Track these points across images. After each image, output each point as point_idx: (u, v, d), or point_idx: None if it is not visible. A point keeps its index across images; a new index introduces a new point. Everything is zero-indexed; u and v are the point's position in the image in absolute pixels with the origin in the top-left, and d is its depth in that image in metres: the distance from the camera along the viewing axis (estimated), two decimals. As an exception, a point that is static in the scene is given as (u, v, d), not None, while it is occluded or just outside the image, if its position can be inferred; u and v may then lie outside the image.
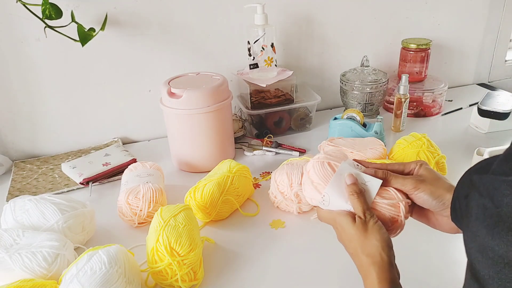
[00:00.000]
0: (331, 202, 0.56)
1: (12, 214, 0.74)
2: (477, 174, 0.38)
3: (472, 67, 1.48)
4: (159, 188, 0.82)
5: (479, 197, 0.36)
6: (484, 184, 0.36)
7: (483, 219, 0.35)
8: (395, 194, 0.55)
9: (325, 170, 0.57)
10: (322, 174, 0.57)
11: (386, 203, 0.54)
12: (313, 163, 0.59)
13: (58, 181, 0.98)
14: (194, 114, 0.92)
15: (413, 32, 1.32)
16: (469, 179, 0.40)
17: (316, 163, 0.58)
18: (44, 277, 0.63)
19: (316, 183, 0.57)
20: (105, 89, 1.10)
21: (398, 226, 0.55)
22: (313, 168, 0.58)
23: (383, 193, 0.55)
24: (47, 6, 0.89)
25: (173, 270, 0.63)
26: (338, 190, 0.55)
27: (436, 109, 1.24)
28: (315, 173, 0.57)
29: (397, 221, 0.54)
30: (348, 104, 1.22)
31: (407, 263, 0.69)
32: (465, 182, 0.41)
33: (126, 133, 1.18)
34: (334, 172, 0.57)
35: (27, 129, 1.09)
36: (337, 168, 0.57)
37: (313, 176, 0.58)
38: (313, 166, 0.58)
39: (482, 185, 0.36)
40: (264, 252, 0.73)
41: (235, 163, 0.86)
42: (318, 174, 0.57)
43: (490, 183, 0.35)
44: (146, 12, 1.05)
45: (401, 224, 0.55)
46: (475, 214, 0.36)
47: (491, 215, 0.34)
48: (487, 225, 0.34)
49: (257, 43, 1.06)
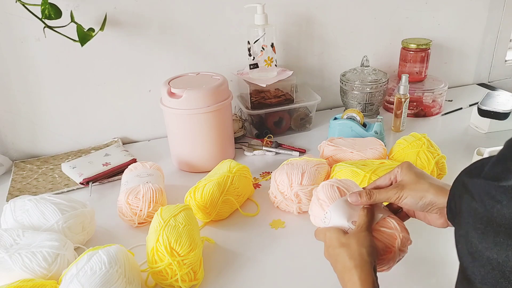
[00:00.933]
0: (331, 220, 0.60)
1: (12, 214, 0.74)
2: (469, 177, 0.38)
3: (472, 67, 1.48)
4: (159, 188, 0.82)
5: (470, 200, 0.36)
6: (475, 187, 0.36)
7: (473, 222, 0.35)
8: (394, 225, 0.57)
9: (333, 192, 0.62)
10: (329, 194, 0.62)
11: (385, 231, 0.57)
12: (324, 184, 0.64)
13: (58, 181, 0.98)
14: (194, 114, 0.92)
15: (413, 32, 1.32)
16: (462, 180, 0.40)
17: (327, 184, 0.63)
18: (44, 277, 0.63)
19: (322, 200, 0.62)
20: (105, 89, 1.10)
21: (390, 258, 0.56)
22: (322, 188, 0.64)
23: (384, 223, 0.58)
24: (47, 6, 0.89)
25: (173, 270, 0.63)
26: (341, 211, 0.59)
27: (436, 109, 1.24)
28: (323, 192, 0.63)
29: (391, 251, 0.56)
30: (348, 104, 1.22)
31: (407, 263, 0.69)
32: (459, 183, 0.41)
33: (126, 133, 1.18)
34: (341, 196, 0.61)
35: (27, 129, 1.09)
36: (345, 195, 0.61)
37: (320, 194, 0.63)
38: (323, 186, 0.64)
39: (473, 189, 0.37)
40: (264, 252, 0.73)
41: (235, 163, 0.86)
42: (325, 193, 0.62)
43: (481, 187, 0.36)
44: (146, 12, 1.05)
45: (394, 256, 0.56)
46: (465, 217, 0.37)
47: (481, 219, 0.34)
48: (477, 228, 0.35)
49: (257, 43, 1.06)
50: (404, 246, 0.56)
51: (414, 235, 0.75)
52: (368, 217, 0.56)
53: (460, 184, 0.40)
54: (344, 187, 0.63)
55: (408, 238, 0.57)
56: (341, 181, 0.64)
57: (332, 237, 0.56)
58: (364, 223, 0.56)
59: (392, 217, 0.58)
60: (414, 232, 0.75)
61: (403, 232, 0.57)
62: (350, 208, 0.59)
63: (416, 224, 0.78)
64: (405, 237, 0.56)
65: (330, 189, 0.62)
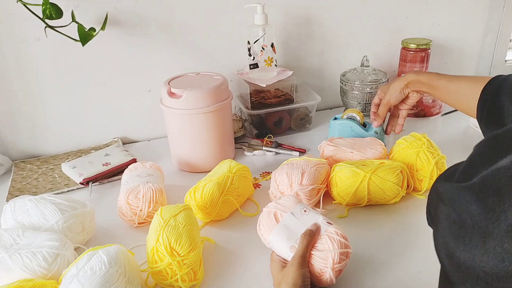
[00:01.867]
0: (275, 248, 0.65)
1: (12, 214, 0.74)
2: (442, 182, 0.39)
3: (472, 67, 1.48)
4: (159, 188, 0.82)
5: (443, 207, 0.36)
6: (446, 192, 0.37)
7: (447, 227, 0.35)
8: (327, 245, 0.59)
9: (270, 220, 0.66)
10: (266, 224, 0.66)
11: (316, 254, 0.60)
12: (262, 213, 0.68)
13: (58, 181, 0.98)
14: (194, 114, 0.92)
15: (413, 32, 1.32)
16: (435, 187, 0.40)
17: (265, 213, 0.67)
18: (44, 277, 0.63)
19: (263, 231, 0.67)
20: (105, 89, 1.10)
21: (327, 277, 0.59)
22: (261, 217, 0.68)
23: (318, 244, 0.60)
24: (48, 6, 0.89)
25: (173, 270, 0.63)
26: (279, 239, 0.63)
27: (436, 109, 1.24)
28: (263, 222, 0.67)
29: (325, 272, 0.59)
30: (348, 104, 1.22)
31: (407, 263, 0.69)
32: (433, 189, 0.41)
33: (126, 133, 1.18)
34: (277, 223, 0.65)
35: (27, 129, 1.09)
36: (281, 219, 0.65)
37: (261, 225, 0.67)
38: (262, 215, 0.68)
39: (445, 194, 0.37)
40: (264, 252, 0.73)
41: (235, 163, 0.86)
42: (263, 223, 0.67)
43: (452, 191, 0.36)
44: (146, 12, 1.05)
45: (329, 277, 0.58)
46: (441, 224, 0.37)
47: (454, 222, 0.34)
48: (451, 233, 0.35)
49: (257, 43, 1.06)
50: (340, 261, 0.59)
51: (414, 235, 0.75)
52: (303, 245, 0.60)
53: (434, 191, 0.40)
54: (282, 210, 0.66)
55: (344, 252, 0.59)
56: (280, 204, 0.68)
57: (273, 273, 0.63)
58: (296, 255, 0.59)
59: (328, 232, 0.61)
60: (414, 232, 0.76)
61: (336, 249, 0.59)
62: (289, 231, 0.63)
63: (417, 223, 0.78)
64: (340, 253, 0.59)
65: (267, 217, 0.66)
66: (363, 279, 0.66)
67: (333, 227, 0.62)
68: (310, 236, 0.61)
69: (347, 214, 0.81)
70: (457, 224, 0.34)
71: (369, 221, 0.80)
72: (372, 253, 0.71)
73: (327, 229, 0.62)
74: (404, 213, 0.81)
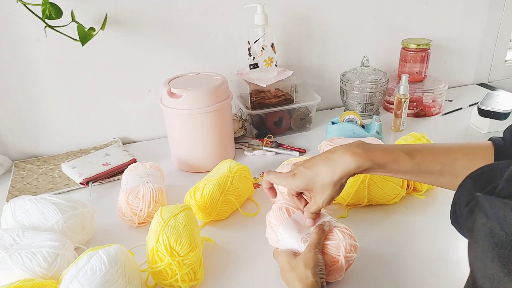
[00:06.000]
0: (284, 241, 0.65)
1: (12, 214, 0.74)
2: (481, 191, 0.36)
3: (472, 67, 1.48)
4: (159, 188, 0.82)
5: (486, 220, 0.33)
6: (491, 206, 0.33)
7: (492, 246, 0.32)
8: (338, 236, 0.63)
9: (281, 214, 0.67)
10: (278, 217, 0.67)
11: (329, 243, 0.62)
12: (273, 207, 0.69)
13: (58, 181, 0.98)
14: (194, 114, 0.92)
15: (413, 32, 1.32)
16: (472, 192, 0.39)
17: (276, 207, 0.68)
18: (44, 277, 0.63)
19: (273, 223, 0.67)
20: (105, 89, 1.10)
21: (339, 267, 0.61)
22: (272, 211, 0.68)
23: (329, 235, 0.63)
24: (47, 6, 0.89)
25: (173, 270, 0.63)
26: (290, 231, 0.65)
27: (436, 109, 1.24)
28: (273, 215, 0.68)
29: (338, 261, 0.61)
30: (348, 104, 1.22)
31: (407, 263, 0.69)
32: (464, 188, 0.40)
33: (126, 133, 1.18)
34: (289, 216, 0.67)
35: (27, 129, 1.09)
36: (293, 214, 0.67)
37: (271, 218, 0.68)
38: (272, 210, 0.69)
39: (488, 207, 0.34)
40: (264, 252, 0.73)
41: (235, 163, 0.86)
42: (275, 216, 0.67)
43: (497, 207, 0.33)
44: (146, 12, 1.05)
45: (341, 264, 0.61)
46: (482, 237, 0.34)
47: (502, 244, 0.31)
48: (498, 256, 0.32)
49: (257, 43, 1.06)
50: (350, 252, 0.62)
51: (414, 235, 0.75)
52: (318, 235, 0.62)
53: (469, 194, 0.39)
54: (293, 206, 0.68)
55: (353, 244, 0.62)
56: (288, 201, 0.69)
57: (284, 261, 0.63)
58: (313, 242, 0.61)
59: (338, 227, 0.64)
60: (414, 232, 0.76)
61: (347, 240, 0.62)
62: (299, 225, 0.65)
63: (417, 224, 0.78)
64: (350, 244, 0.62)
65: (278, 211, 0.67)
66: (363, 279, 0.66)
67: (342, 224, 0.66)
68: (323, 229, 0.63)
69: (347, 214, 0.81)
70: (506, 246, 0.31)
71: (369, 221, 0.80)
72: (372, 253, 0.71)
73: (337, 225, 0.65)
74: (404, 213, 0.81)
